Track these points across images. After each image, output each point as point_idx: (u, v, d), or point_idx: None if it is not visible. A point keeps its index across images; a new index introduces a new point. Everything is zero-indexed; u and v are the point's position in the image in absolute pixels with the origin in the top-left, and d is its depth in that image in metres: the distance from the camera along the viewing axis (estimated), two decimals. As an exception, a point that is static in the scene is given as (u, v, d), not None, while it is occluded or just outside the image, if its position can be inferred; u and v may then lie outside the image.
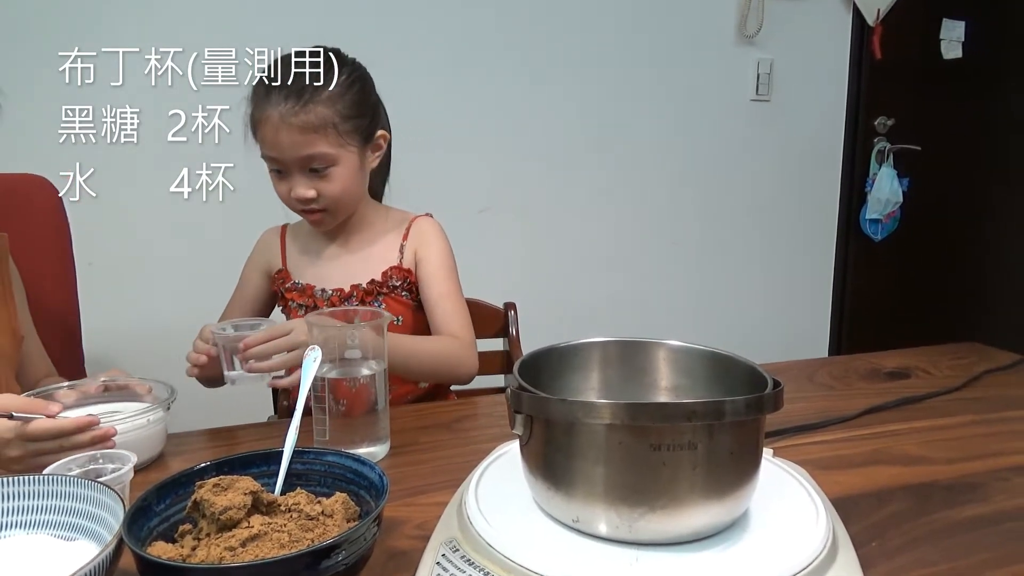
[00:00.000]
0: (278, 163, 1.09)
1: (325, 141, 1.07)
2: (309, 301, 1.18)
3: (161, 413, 0.88)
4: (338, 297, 1.17)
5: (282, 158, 1.08)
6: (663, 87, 2.37)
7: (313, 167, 1.09)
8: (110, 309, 1.58)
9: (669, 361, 0.72)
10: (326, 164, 1.09)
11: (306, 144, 1.06)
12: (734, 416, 0.56)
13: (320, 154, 1.08)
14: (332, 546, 0.51)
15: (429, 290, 1.18)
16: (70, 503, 0.62)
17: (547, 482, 0.60)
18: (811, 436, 0.94)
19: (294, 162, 1.08)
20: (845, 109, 2.64)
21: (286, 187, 1.11)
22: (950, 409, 1.03)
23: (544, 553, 0.56)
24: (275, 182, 1.13)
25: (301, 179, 1.10)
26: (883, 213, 2.65)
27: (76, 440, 0.78)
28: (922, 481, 0.81)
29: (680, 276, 2.50)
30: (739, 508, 0.60)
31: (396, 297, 1.18)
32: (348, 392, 0.86)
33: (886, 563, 0.65)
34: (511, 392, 0.62)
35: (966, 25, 2.67)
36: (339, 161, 1.10)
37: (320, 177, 1.10)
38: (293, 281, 1.20)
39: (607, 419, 0.55)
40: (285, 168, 1.10)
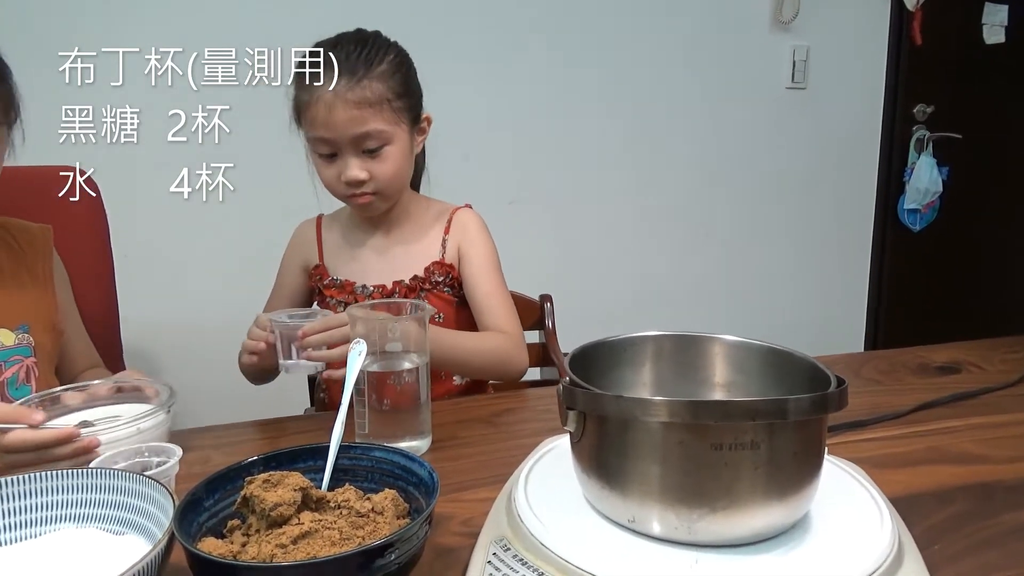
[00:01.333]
0: (329, 144, 1.07)
1: (380, 117, 1.06)
2: (349, 298, 1.16)
3: (160, 417, 0.83)
4: (380, 294, 1.15)
5: (335, 137, 1.05)
6: (697, 76, 2.34)
7: (367, 146, 1.06)
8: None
9: (724, 356, 0.70)
10: (380, 143, 1.07)
11: (362, 120, 1.04)
12: (798, 415, 0.53)
13: (376, 131, 1.06)
14: (385, 545, 0.50)
15: (476, 287, 1.16)
16: (119, 497, 0.61)
17: (601, 480, 0.59)
18: (863, 433, 0.92)
19: (348, 141, 1.06)
20: (883, 96, 2.58)
21: (335, 171, 1.08)
22: (1006, 405, 1.00)
23: (600, 553, 0.55)
24: (322, 167, 1.10)
25: (353, 160, 1.07)
26: (922, 203, 2.59)
27: (56, 453, 0.75)
28: (983, 481, 0.78)
29: (714, 266, 2.47)
30: (801, 509, 0.58)
31: (439, 293, 1.17)
32: (390, 386, 0.85)
33: (951, 567, 0.63)
34: (563, 388, 0.60)
35: (1009, 8, 2.59)
36: (393, 139, 1.08)
37: (372, 158, 1.07)
38: (331, 277, 1.19)
39: (665, 417, 0.54)
40: (336, 149, 1.07)
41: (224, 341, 2.04)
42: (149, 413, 0.82)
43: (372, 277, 1.17)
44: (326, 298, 1.19)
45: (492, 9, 2.09)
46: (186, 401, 1.77)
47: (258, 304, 1.66)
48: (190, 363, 1.98)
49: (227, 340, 2.04)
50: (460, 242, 1.18)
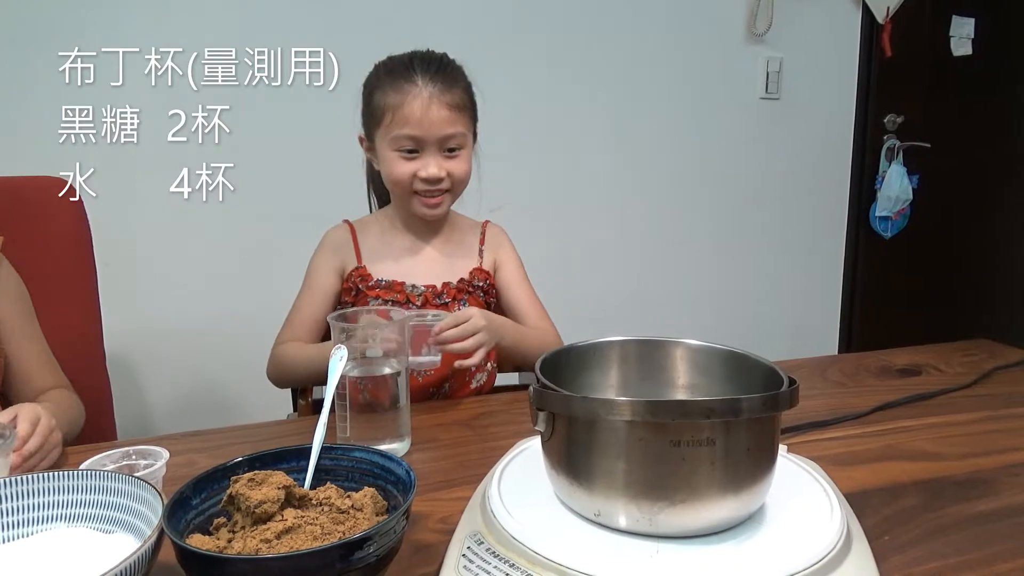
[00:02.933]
0: (416, 141, 1.14)
1: (463, 122, 1.16)
2: (400, 296, 1.20)
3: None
4: (431, 293, 1.21)
5: (424, 136, 1.13)
6: (673, 86, 2.38)
7: (449, 147, 1.15)
8: (109, 309, 1.60)
9: (687, 360, 0.74)
10: (459, 145, 1.16)
11: (451, 122, 1.14)
12: (751, 413, 0.57)
13: (460, 133, 1.15)
14: (364, 538, 0.53)
15: (514, 297, 1.27)
16: (109, 497, 0.64)
17: (569, 477, 0.62)
18: (824, 433, 0.96)
19: (435, 141, 1.14)
20: (855, 107, 2.64)
21: (414, 167, 1.15)
22: (961, 406, 1.05)
23: (567, 545, 0.58)
24: (397, 164, 1.16)
25: (435, 159, 1.15)
26: (893, 210, 2.65)
27: None
28: (934, 477, 0.83)
29: (691, 273, 2.51)
30: (756, 502, 0.62)
31: (477, 298, 1.24)
32: (371, 390, 0.88)
33: (898, 556, 0.67)
34: (533, 390, 0.63)
35: (975, 22, 2.66)
36: (467, 144, 1.18)
37: (450, 158, 1.16)
38: (377, 279, 1.22)
39: (628, 416, 0.57)
40: (420, 147, 1.14)
41: (225, 341, 2.05)
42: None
43: (420, 277, 1.22)
44: (368, 299, 1.21)
45: (470, 19, 2.12)
46: (184, 402, 1.79)
47: (258, 304, 1.67)
48: (189, 363, 2.00)
49: (228, 340, 2.06)
50: (496, 253, 1.29)
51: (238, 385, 1.95)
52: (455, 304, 1.22)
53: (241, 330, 1.90)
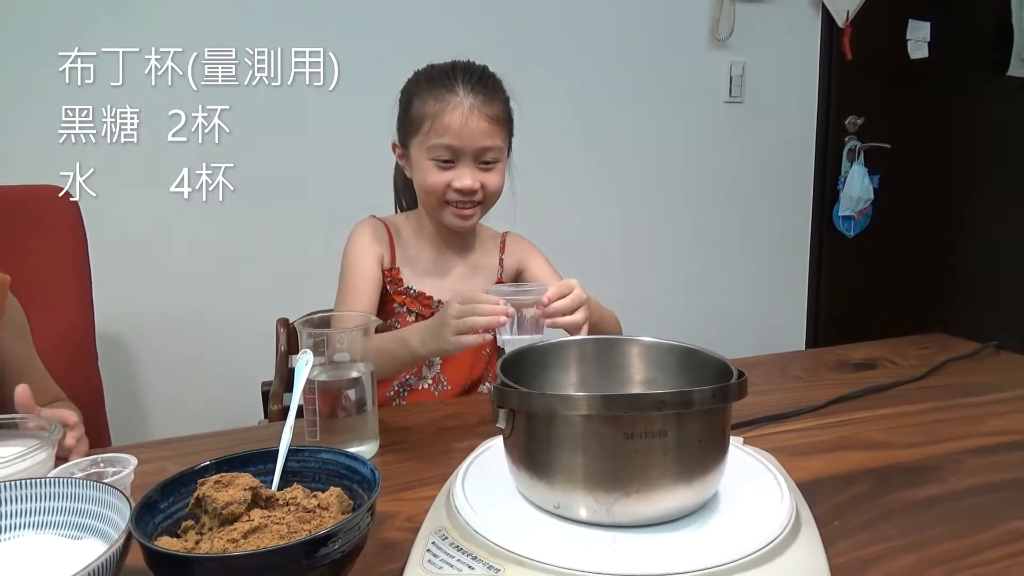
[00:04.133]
0: (453, 151, 1.13)
1: (500, 135, 1.15)
2: (425, 310, 1.20)
3: (39, 457, 0.76)
4: None
5: (462, 146, 1.13)
6: (640, 91, 2.42)
7: (485, 159, 1.15)
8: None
9: (642, 356, 0.76)
10: (495, 159, 1.16)
11: (489, 135, 1.13)
12: (701, 405, 0.60)
13: (496, 146, 1.15)
14: (329, 535, 0.55)
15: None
16: (77, 504, 0.65)
17: (529, 471, 0.64)
18: (781, 425, 0.99)
19: (472, 152, 1.14)
20: (816, 109, 2.70)
21: (448, 177, 1.14)
22: (913, 397, 1.09)
23: (528, 537, 0.60)
24: (432, 173, 1.15)
25: (470, 170, 1.14)
26: (855, 210, 2.72)
27: None
28: (884, 464, 0.86)
29: (660, 274, 2.55)
30: (708, 491, 0.64)
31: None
32: (337, 394, 0.89)
33: (847, 539, 0.70)
34: (494, 388, 0.66)
35: (931, 26, 2.74)
36: (502, 157, 1.18)
37: (485, 170, 1.16)
38: (406, 285, 1.22)
39: (583, 410, 0.60)
40: (457, 158, 1.14)
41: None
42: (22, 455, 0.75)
43: (446, 293, 1.21)
44: (394, 304, 1.21)
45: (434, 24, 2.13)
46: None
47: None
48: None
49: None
50: (518, 258, 1.30)
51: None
52: None
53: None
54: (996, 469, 0.84)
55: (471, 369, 1.24)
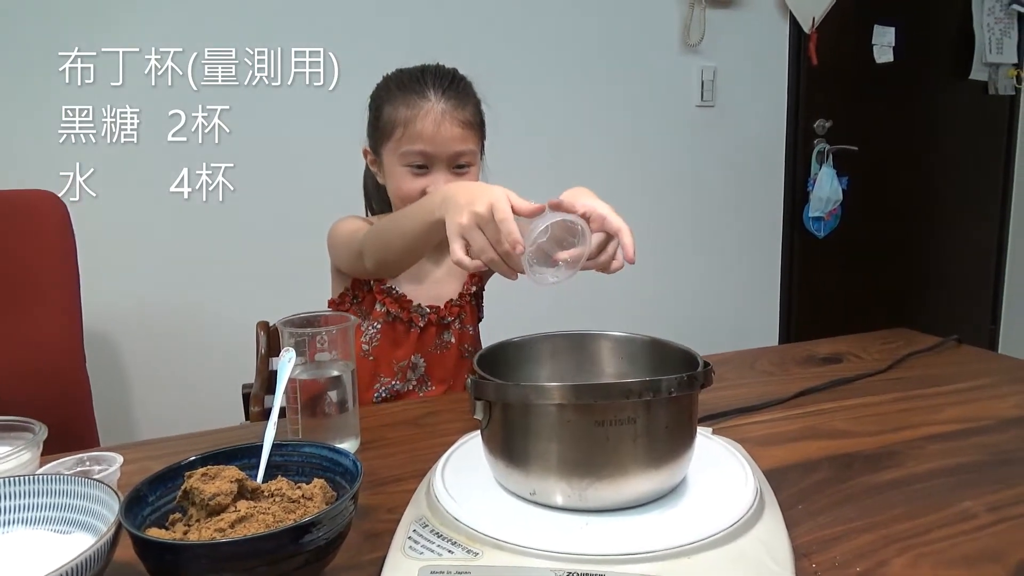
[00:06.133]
0: (426, 157, 1.13)
1: (473, 139, 1.15)
2: (404, 314, 1.21)
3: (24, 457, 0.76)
4: (435, 315, 1.22)
5: (436, 152, 1.12)
6: (613, 96, 2.47)
7: (459, 164, 1.15)
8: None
9: (613, 350, 0.79)
10: (468, 163, 1.15)
11: (462, 140, 1.13)
12: (668, 392, 0.63)
13: (469, 151, 1.15)
14: (313, 522, 0.57)
15: None
16: (66, 500, 0.66)
17: (506, 460, 0.67)
18: (749, 417, 1.03)
19: (445, 158, 1.13)
20: (785, 112, 2.77)
21: (423, 183, 1.14)
22: (876, 388, 1.13)
23: (505, 523, 0.63)
24: (406, 179, 1.14)
25: (445, 175, 1.14)
26: (825, 211, 2.78)
27: None
28: (846, 452, 0.90)
29: (634, 275, 2.58)
30: (676, 476, 0.67)
31: (472, 306, 1.27)
32: (319, 392, 0.91)
33: (810, 521, 0.73)
34: (471, 381, 0.68)
35: (895, 30, 2.82)
36: (475, 161, 1.17)
37: (459, 175, 1.15)
38: (389, 284, 1.22)
39: (556, 400, 0.62)
40: (430, 163, 1.13)
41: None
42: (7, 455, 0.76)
43: (426, 297, 1.23)
44: (375, 302, 1.21)
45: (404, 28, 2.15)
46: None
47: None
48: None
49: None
50: None
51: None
52: (455, 321, 1.26)
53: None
54: (951, 454, 0.88)
55: (456, 370, 1.27)
